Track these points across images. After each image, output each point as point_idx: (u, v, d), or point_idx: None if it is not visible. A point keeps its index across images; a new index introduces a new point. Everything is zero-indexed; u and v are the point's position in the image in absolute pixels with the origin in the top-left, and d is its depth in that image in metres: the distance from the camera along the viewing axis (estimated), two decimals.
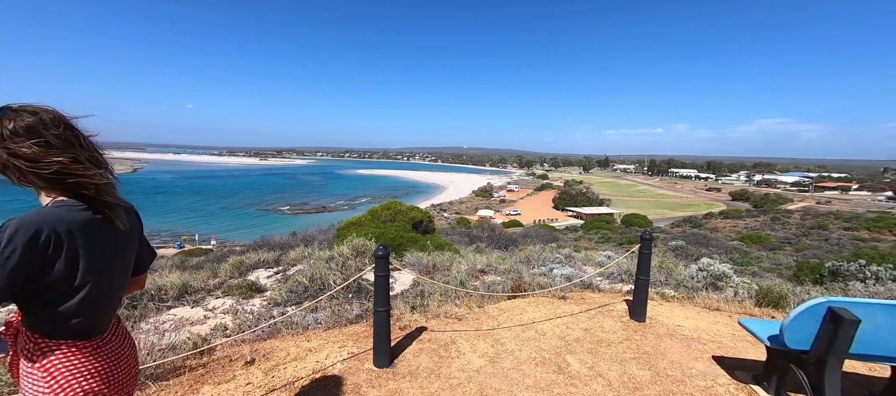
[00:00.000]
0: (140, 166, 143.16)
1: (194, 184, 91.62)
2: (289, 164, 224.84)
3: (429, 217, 13.92)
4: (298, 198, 74.10)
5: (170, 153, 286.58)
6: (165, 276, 6.98)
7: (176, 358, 2.18)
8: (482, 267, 7.19)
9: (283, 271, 7.49)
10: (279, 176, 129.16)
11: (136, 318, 5.40)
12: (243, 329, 4.66)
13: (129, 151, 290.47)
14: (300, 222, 46.04)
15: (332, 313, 4.68)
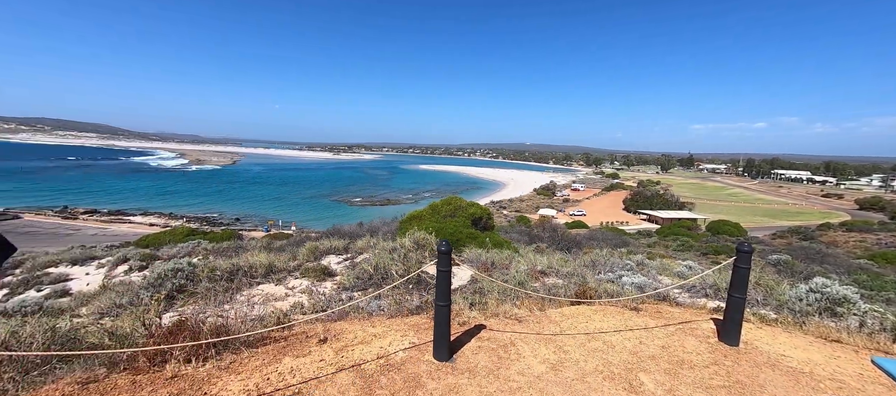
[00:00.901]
0: (238, 158, 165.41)
1: (279, 175, 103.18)
2: (358, 158, 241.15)
3: (488, 214, 13.81)
4: (365, 191, 79.13)
5: (260, 148, 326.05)
6: (256, 256, 7.95)
7: (264, 331, 2.47)
8: (543, 269, 6.93)
9: (351, 258, 8.05)
10: (349, 170, 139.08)
11: (234, 289, 6.26)
12: (317, 309, 5.12)
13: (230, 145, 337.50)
14: (367, 214, 49.19)
15: (393, 301, 4.91)
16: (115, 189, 63.58)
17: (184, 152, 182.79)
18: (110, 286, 8.93)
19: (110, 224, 40.04)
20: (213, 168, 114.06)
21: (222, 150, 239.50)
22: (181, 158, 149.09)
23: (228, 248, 13.01)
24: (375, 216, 28.76)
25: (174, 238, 21.17)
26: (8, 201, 46.49)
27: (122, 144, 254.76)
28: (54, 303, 7.89)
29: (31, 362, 2.85)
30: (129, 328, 3.19)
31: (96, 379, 2.04)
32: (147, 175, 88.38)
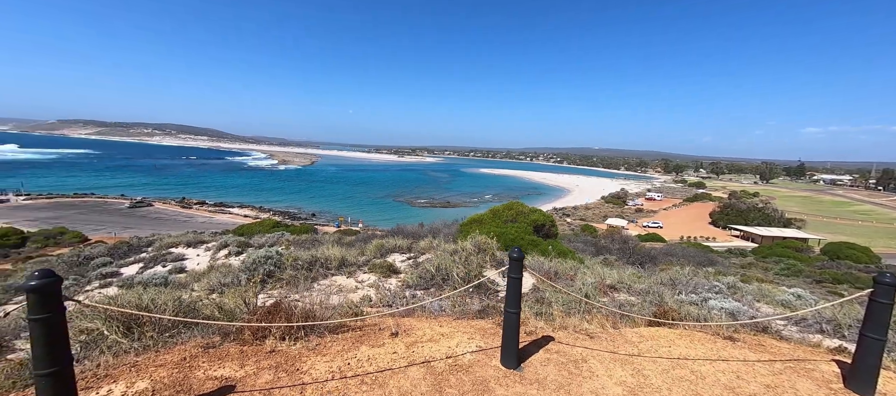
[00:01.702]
0: (316, 159, 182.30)
1: (350, 176, 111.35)
2: (420, 161, 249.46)
3: (551, 221, 13.27)
4: (427, 193, 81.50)
5: (335, 150, 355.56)
6: (330, 249, 8.67)
7: (342, 320, 2.70)
8: (612, 283, 6.46)
9: (414, 257, 8.35)
10: (412, 172, 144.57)
11: (313, 278, 6.91)
12: (384, 304, 5.41)
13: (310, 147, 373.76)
14: (427, 215, 50.60)
15: (453, 303, 4.98)
16: (219, 184, 74.50)
17: (273, 154, 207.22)
18: (215, 267, 10.45)
19: (215, 214, 46.98)
20: (295, 168, 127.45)
21: (303, 152, 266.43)
22: (271, 158, 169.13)
23: (306, 240, 14.40)
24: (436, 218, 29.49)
25: (263, 229, 24.09)
26: (145, 191, 57.21)
27: (226, 146, 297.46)
28: (175, 278, 9.49)
29: (165, 324, 3.48)
30: (233, 305, 3.72)
31: (214, 345, 2.42)
32: (244, 173, 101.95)
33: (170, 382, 1.86)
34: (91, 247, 18.32)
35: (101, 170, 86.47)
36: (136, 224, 35.28)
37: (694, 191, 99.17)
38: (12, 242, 24.10)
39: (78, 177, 70.44)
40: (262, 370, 2.01)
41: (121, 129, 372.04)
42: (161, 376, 1.92)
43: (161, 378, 1.90)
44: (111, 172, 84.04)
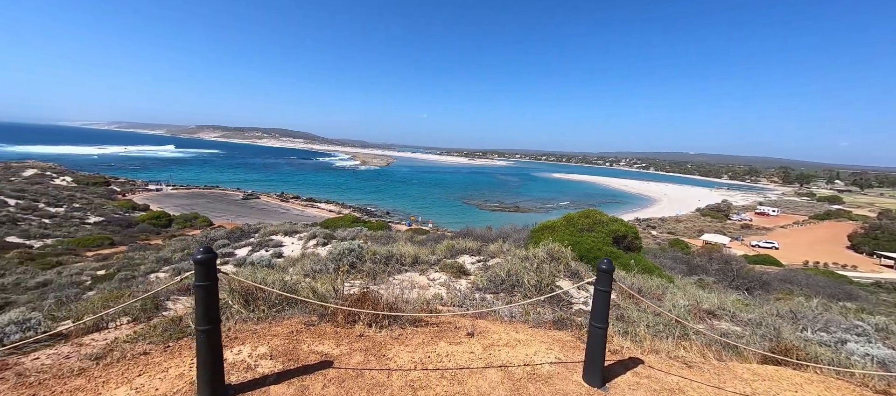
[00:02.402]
0: (392, 161, 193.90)
1: (422, 177, 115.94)
2: (490, 164, 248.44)
3: (634, 233, 12.12)
4: (496, 196, 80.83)
5: (408, 152, 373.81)
6: (405, 246, 9.14)
7: (421, 314, 2.85)
8: (710, 308, 5.65)
9: (484, 260, 8.35)
10: (481, 175, 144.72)
11: (389, 272, 7.38)
12: (454, 303, 5.53)
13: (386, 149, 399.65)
14: (496, 219, 50.12)
15: (524, 310, 4.87)
16: (310, 182, 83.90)
17: (355, 155, 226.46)
18: (306, 255, 11.80)
19: (306, 208, 53.03)
20: (373, 168, 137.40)
21: (380, 153, 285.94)
22: (353, 159, 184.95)
23: (381, 236, 15.40)
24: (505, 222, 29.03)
25: (344, 223, 26.45)
26: (254, 186, 67.15)
27: (317, 148, 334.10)
28: (276, 261, 10.95)
29: (273, 300, 4.05)
30: (324, 290, 4.17)
31: (313, 324, 2.76)
32: (331, 172, 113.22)
33: (282, 350, 2.18)
34: (215, 230, 22.18)
35: (223, 167, 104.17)
36: (246, 213, 41.62)
37: (825, 207, 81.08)
38: (163, 222, 30.39)
39: (208, 172, 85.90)
40: (354, 351, 2.23)
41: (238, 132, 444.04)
42: (275, 344, 2.26)
43: (276, 346, 2.24)
44: (231, 169, 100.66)
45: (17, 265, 16.36)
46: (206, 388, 1.68)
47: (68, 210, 30.46)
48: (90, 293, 10.16)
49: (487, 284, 6.24)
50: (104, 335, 3.99)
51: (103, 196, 37.80)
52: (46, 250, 20.41)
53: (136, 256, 16.32)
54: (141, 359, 2.25)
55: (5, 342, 3.99)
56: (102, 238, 23.31)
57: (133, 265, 13.93)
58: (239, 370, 2.02)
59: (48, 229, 25.18)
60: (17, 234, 23.35)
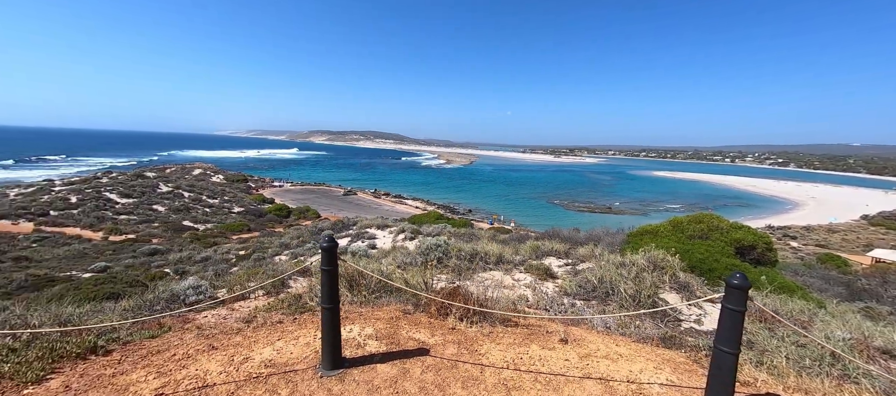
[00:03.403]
0: (474, 159, 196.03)
1: (504, 176, 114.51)
2: (579, 162, 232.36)
3: (766, 243, 10.03)
4: (584, 196, 75.27)
5: (491, 151, 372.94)
6: (489, 244, 9.17)
7: (510, 313, 2.84)
8: (885, 346, 4.36)
9: (573, 264, 7.88)
10: (569, 173, 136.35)
11: (473, 270, 7.50)
12: (540, 306, 5.35)
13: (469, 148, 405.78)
14: (584, 220, 46.73)
15: (621, 322, 4.44)
16: (399, 180, 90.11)
17: (439, 154, 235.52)
18: (396, 248, 12.71)
19: (395, 204, 57.19)
20: (456, 167, 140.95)
21: (463, 152, 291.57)
22: (438, 158, 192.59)
23: (464, 234, 15.70)
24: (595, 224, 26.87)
25: (429, 220, 27.73)
26: (353, 183, 75.10)
27: (405, 148, 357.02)
28: (371, 252, 12.07)
29: (373, 287, 4.47)
30: (414, 282, 4.44)
31: (409, 312, 2.98)
32: (418, 171, 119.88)
33: (385, 333, 2.41)
34: (322, 222, 25.48)
35: (329, 167, 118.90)
36: (346, 207, 46.78)
37: None
38: (284, 213, 36.11)
39: (317, 171, 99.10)
40: (448, 342, 2.35)
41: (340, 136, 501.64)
42: (379, 327, 2.52)
43: (379, 328, 2.49)
44: (335, 168, 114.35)
45: (189, 243, 21.29)
46: (328, 357, 1.96)
47: (221, 202, 38.43)
48: (235, 269, 12.68)
49: (577, 289, 5.89)
50: (248, 303, 4.92)
51: (243, 191, 46.71)
52: (207, 232, 26.09)
53: (265, 241, 19.71)
54: (278, 326, 2.74)
55: (187, 302, 5.21)
56: (242, 225, 28.81)
57: (263, 248, 16.86)
58: (351, 346, 2.30)
59: (208, 216, 32.18)
60: (189, 219, 30.36)
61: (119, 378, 2.02)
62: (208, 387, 1.89)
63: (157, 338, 2.83)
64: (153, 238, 23.12)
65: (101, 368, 2.15)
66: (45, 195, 31.40)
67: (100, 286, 10.38)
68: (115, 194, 34.24)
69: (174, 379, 1.96)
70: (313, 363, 2.12)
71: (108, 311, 4.77)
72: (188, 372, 2.04)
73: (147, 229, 25.83)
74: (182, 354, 2.29)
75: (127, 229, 24.96)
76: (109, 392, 1.89)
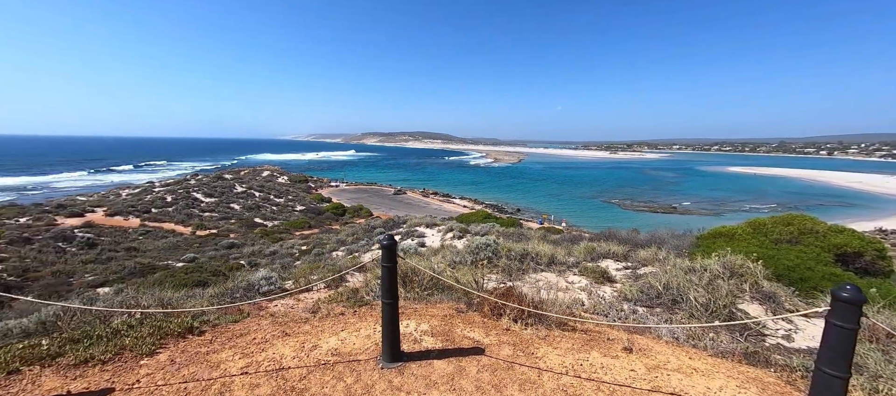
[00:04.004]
0: (523, 157, 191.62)
1: (555, 174, 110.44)
2: (638, 158, 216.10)
3: (877, 250, 8.52)
4: (643, 194, 69.84)
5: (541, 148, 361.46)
6: (540, 245, 8.90)
7: (565, 317, 2.74)
8: None
9: (633, 268, 7.37)
10: (626, 170, 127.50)
11: (524, 270, 7.35)
12: (597, 311, 5.08)
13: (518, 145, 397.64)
14: (643, 220, 43.40)
15: (692, 333, 4.05)
16: (447, 179, 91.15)
17: (487, 153, 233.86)
18: (445, 247, 12.86)
19: (443, 203, 57.96)
20: (504, 166, 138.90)
21: (511, 150, 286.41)
22: (485, 157, 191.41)
23: (513, 233, 15.39)
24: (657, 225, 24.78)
25: (477, 219, 27.65)
26: (402, 183, 77.54)
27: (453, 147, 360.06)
28: (420, 250, 12.34)
29: (425, 284, 4.57)
30: (465, 281, 4.46)
31: (462, 311, 3.01)
32: (465, 170, 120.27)
33: (440, 331, 2.46)
34: (374, 220, 26.65)
35: (381, 167, 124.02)
36: (396, 206, 48.42)
37: None
38: (339, 212, 38.40)
39: (370, 171, 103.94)
40: (503, 343, 2.33)
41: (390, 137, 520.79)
42: (434, 324, 2.58)
43: (434, 325, 2.55)
44: (386, 168, 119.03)
45: (259, 238, 23.54)
46: (388, 350, 2.06)
47: (285, 201, 41.95)
48: (298, 263, 13.76)
49: (639, 295, 5.50)
50: (311, 295, 5.30)
51: (304, 191, 50.52)
52: (274, 228, 28.65)
53: (324, 237, 21.11)
54: (340, 318, 2.93)
55: (260, 292, 5.76)
56: (304, 222, 31.17)
57: (322, 244, 18.07)
58: (408, 341, 2.39)
59: (275, 214, 35.31)
60: (259, 216, 33.58)
61: (212, 356, 2.31)
62: (284, 370, 2.09)
63: (238, 323, 3.18)
64: (230, 233, 25.94)
65: (197, 346, 2.48)
66: (147, 195, 36.77)
67: (190, 275, 11.88)
68: (200, 194, 39.01)
69: (256, 360, 2.20)
70: (374, 354, 2.23)
71: (198, 297, 5.45)
72: (266, 355, 2.26)
73: (225, 225, 29.08)
74: (260, 338, 2.55)
75: (210, 225, 28.33)
76: (205, 367, 2.17)
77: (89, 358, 2.29)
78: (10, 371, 2.15)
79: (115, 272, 14.57)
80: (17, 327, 3.98)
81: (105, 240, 21.38)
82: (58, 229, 21.82)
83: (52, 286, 12.84)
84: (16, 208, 27.02)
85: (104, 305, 4.83)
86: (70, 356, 2.32)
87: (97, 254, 18.23)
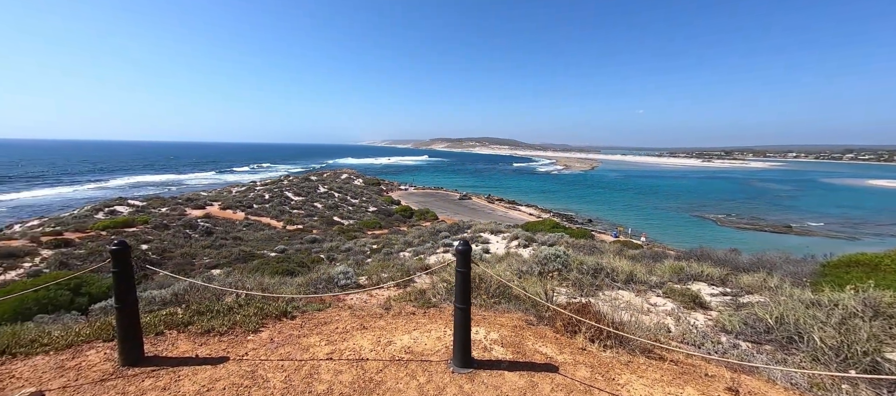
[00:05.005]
0: (596, 164, 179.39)
1: (634, 182, 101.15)
2: (739, 167, 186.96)
3: None
4: (747, 209, 60.01)
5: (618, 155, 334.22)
6: (617, 260, 8.21)
7: (652, 342, 2.46)
8: None
9: (733, 295, 6.39)
10: (723, 180, 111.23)
11: (598, 286, 6.83)
12: (688, 341, 4.49)
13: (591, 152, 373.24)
14: (747, 240, 37.34)
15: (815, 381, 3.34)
16: (513, 185, 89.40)
17: (556, 159, 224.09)
18: (510, 254, 12.58)
19: (509, 210, 56.94)
20: (575, 173, 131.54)
21: (583, 157, 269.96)
22: (554, 164, 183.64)
23: (584, 245, 14.41)
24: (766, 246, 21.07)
25: (544, 227, 26.57)
26: (467, 188, 78.19)
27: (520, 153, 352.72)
28: (485, 256, 12.25)
29: (492, 291, 4.52)
30: (533, 293, 4.29)
31: (532, 323, 2.91)
32: (532, 177, 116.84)
33: (510, 341, 2.41)
34: (439, 224, 27.27)
35: (447, 172, 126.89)
36: (461, 211, 48.97)
37: None
38: (407, 214, 40.18)
39: (437, 176, 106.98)
40: (579, 364, 2.19)
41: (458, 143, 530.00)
42: (504, 334, 2.53)
43: (504, 335, 2.50)
44: (453, 174, 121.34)
45: (337, 235, 25.74)
46: (459, 355, 2.08)
47: (360, 202, 45.32)
48: (369, 260, 14.72)
49: (742, 327, 4.74)
50: (382, 292, 5.61)
51: (376, 193, 54.03)
52: (349, 227, 31.09)
53: (393, 237, 22.25)
54: (412, 317, 3.05)
55: (339, 285, 6.27)
56: (375, 222, 33.28)
57: (391, 244, 19.06)
58: (477, 348, 2.38)
59: (351, 214, 38.35)
60: (338, 215, 36.78)
61: (302, 339, 2.59)
62: (363, 360, 2.24)
63: (322, 312, 3.50)
64: (313, 229, 28.83)
65: (290, 329, 2.80)
66: (250, 193, 42.83)
67: (281, 264, 13.47)
68: (291, 193, 44.19)
69: (339, 348, 2.40)
70: (444, 357, 2.27)
71: (288, 285, 6.15)
72: (348, 345, 2.46)
73: (309, 221, 32.45)
74: (342, 328, 2.78)
75: (297, 221, 31.89)
76: (297, 349, 2.44)
77: (211, 329, 2.74)
78: (157, 333, 2.68)
79: (225, 257, 17.20)
80: (159, 296, 4.92)
81: (218, 229, 25.41)
82: (186, 219, 26.60)
83: (180, 265, 15.65)
84: (159, 200, 33.67)
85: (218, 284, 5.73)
86: (197, 325, 2.80)
87: (212, 241, 21.75)
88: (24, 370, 2.23)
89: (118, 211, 29.12)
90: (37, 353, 2.41)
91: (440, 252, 15.74)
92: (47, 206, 43.94)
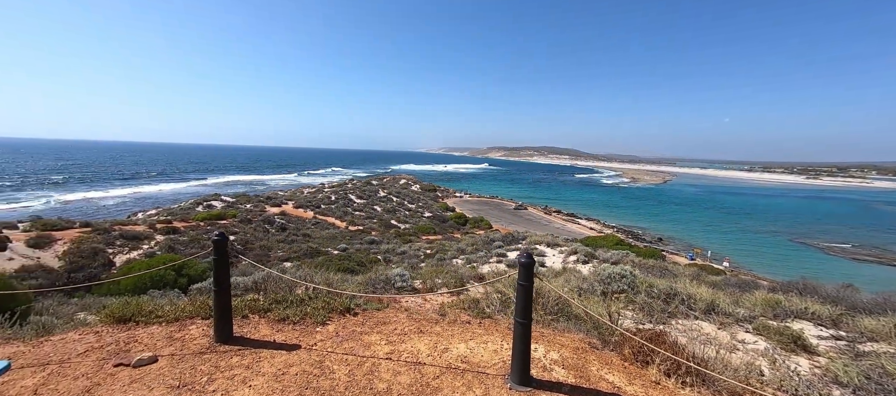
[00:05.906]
0: (669, 178, 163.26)
1: (716, 199, 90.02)
2: (859, 186, 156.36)
3: None
4: (867, 237, 49.75)
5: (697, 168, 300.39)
6: (695, 286, 7.34)
7: (743, 384, 2.13)
8: None
9: (849, 340, 5.33)
10: (834, 201, 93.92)
11: (671, 314, 6.16)
12: (785, 387, 3.82)
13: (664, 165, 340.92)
14: (865, 275, 31.04)
15: None
16: (573, 197, 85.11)
17: (622, 171, 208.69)
18: (567, 270, 11.92)
19: (567, 223, 54.26)
20: (644, 186, 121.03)
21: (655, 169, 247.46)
22: (620, 176, 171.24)
23: (653, 266, 13.09)
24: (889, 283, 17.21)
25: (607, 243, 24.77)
26: (523, 198, 76.32)
27: (581, 163, 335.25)
28: (540, 270, 11.76)
29: (549, 308, 4.31)
30: (596, 314, 3.99)
31: (596, 347, 2.71)
32: (595, 189, 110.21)
33: (572, 364, 2.27)
34: (493, 233, 26.93)
35: (503, 181, 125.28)
36: (516, 221, 47.85)
37: None
38: (461, 221, 40.37)
39: (492, 185, 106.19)
40: None
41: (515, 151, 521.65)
42: (565, 355, 2.39)
43: (565, 357, 2.37)
44: (509, 183, 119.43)
45: (394, 238, 26.77)
46: (517, 372, 2.01)
47: (416, 207, 46.73)
48: (422, 265, 15.03)
49: (862, 381, 3.92)
50: (436, 297, 5.67)
51: (432, 199, 55.27)
52: (405, 231, 32.16)
53: (446, 244, 22.48)
54: (467, 327, 3.04)
55: (395, 286, 6.49)
56: (430, 228, 33.97)
57: (444, 250, 19.27)
58: (536, 366, 2.28)
59: (407, 218, 39.69)
60: (395, 219, 38.28)
61: (364, 336, 2.72)
62: (420, 364, 2.28)
63: (381, 311, 3.65)
64: (372, 231, 30.35)
65: (353, 325, 2.96)
66: (319, 194, 46.62)
67: (343, 262, 14.37)
68: (354, 196, 47.17)
69: (397, 349, 2.48)
70: (501, 371, 2.21)
71: (350, 282, 6.52)
72: (406, 347, 2.53)
73: (369, 223, 34.25)
74: (401, 330, 2.86)
75: (358, 222, 33.86)
76: (359, 345, 2.57)
77: (286, 318, 3.01)
78: (243, 316, 3.03)
79: (296, 251, 18.87)
80: (242, 282, 5.55)
81: (291, 226, 27.99)
82: (266, 215, 29.77)
83: (259, 256, 17.51)
84: (245, 197, 38.21)
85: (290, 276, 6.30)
86: (275, 312, 3.10)
87: (286, 236, 24.02)
88: (144, 336, 2.68)
89: (213, 205, 33.73)
90: (153, 323, 2.87)
91: (493, 262, 15.50)
92: (162, 198, 52.66)
